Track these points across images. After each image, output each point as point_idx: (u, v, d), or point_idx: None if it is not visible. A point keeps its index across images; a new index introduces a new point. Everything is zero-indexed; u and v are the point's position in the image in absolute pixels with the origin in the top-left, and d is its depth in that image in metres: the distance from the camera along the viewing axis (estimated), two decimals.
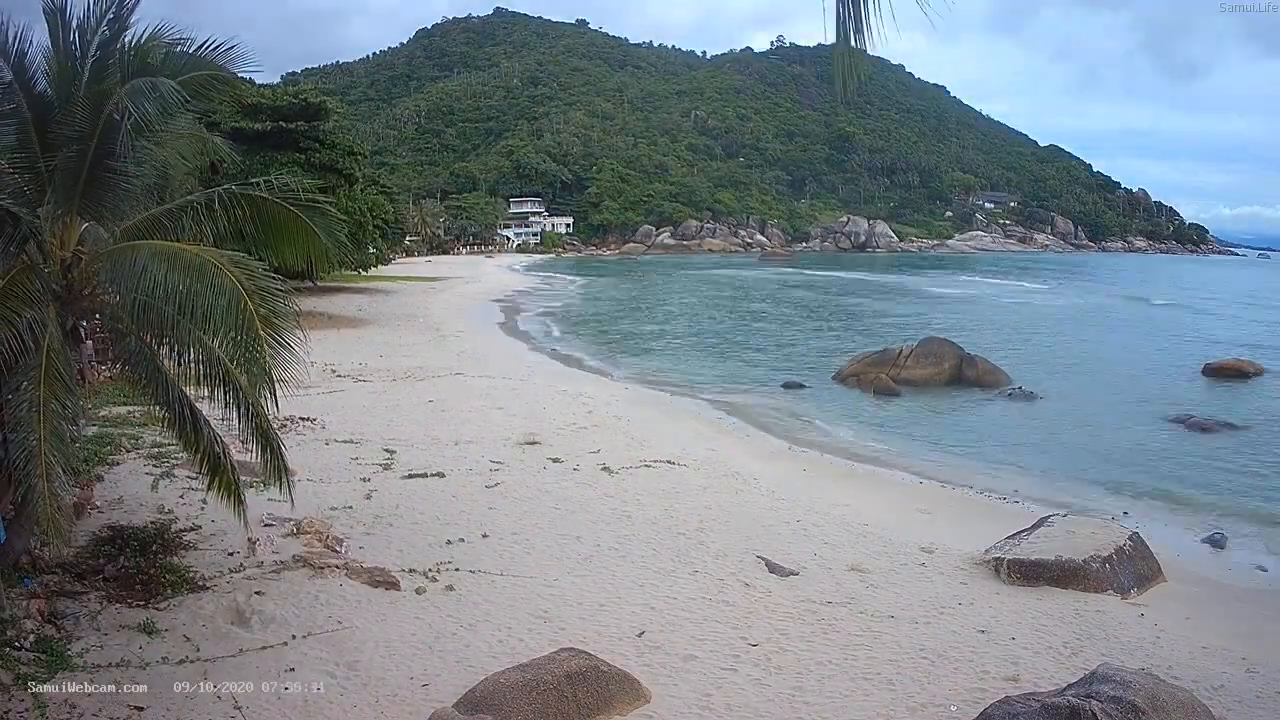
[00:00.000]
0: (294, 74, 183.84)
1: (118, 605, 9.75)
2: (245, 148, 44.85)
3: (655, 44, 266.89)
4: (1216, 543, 16.27)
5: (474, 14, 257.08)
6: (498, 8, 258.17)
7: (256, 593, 10.49)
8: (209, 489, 10.22)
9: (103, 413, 18.03)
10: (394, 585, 11.22)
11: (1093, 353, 43.96)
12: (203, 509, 12.71)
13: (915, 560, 13.74)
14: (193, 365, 9.53)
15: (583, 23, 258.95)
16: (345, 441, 18.61)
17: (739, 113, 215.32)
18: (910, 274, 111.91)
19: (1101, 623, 11.62)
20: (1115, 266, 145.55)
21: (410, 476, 16.27)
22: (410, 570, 11.74)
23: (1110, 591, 12.67)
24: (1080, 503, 18.31)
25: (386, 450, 18.03)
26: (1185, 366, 38.94)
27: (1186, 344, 47.11)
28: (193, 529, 12.19)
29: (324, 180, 41.55)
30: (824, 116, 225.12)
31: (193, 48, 10.14)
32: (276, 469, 9.95)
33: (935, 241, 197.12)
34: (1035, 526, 14.52)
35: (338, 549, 12.26)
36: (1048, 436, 25.14)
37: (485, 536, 13.39)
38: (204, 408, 10.01)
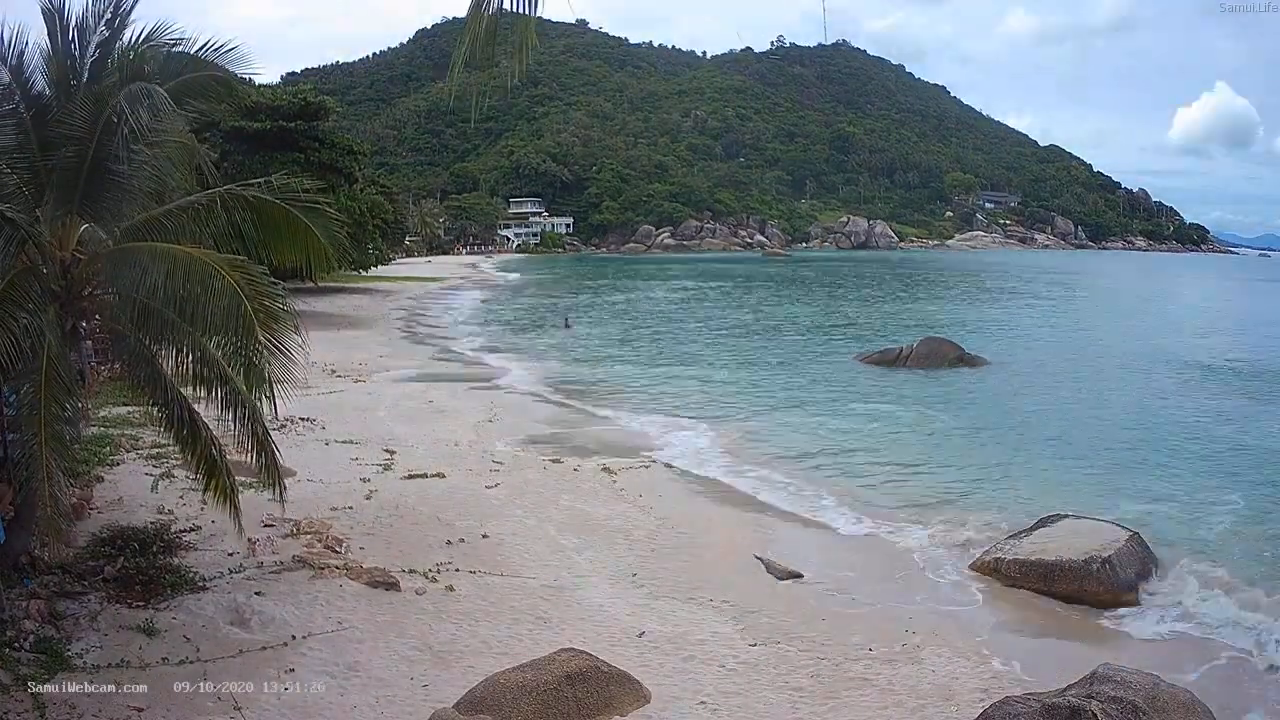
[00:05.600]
0: (294, 74, 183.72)
1: (118, 605, 9.72)
2: (245, 147, 45.10)
3: (655, 44, 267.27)
4: (1216, 540, 16.20)
5: None
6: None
7: (256, 593, 10.48)
8: (204, 492, 10.19)
9: (103, 413, 18.00)
10: (394, 586, 11.21)
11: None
12: (202, 509, 12.68)
13: (916, 561, 13.75)
14: (190, 367, 9.53)
15: (582, 22, 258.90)
16: (345, 442, 18.61)
17: (739, 113, 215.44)
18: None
19: (1101, 623, 11.61)
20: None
21: (410, 477, 16.25)
22: (410, 570, 11.73)
23: (1111, 591, 12.65)
24: (1079, 501, 18.25)
25: (386, 450, 18.02)
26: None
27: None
28: (193, 529, 12.16)
29: (324, 180, 41.54)
30: (824, 116, 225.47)
31: (193, 48, 10.16)
32: (271, 473, 9.93)
33: (935, 241, 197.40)
34: (1035, 526, 14.50)
35: (338, 549, 12.24)
36: (1048, 433, 25.10)
37: (485, 537, 13.39)
38: (200, 409, 9.99)
